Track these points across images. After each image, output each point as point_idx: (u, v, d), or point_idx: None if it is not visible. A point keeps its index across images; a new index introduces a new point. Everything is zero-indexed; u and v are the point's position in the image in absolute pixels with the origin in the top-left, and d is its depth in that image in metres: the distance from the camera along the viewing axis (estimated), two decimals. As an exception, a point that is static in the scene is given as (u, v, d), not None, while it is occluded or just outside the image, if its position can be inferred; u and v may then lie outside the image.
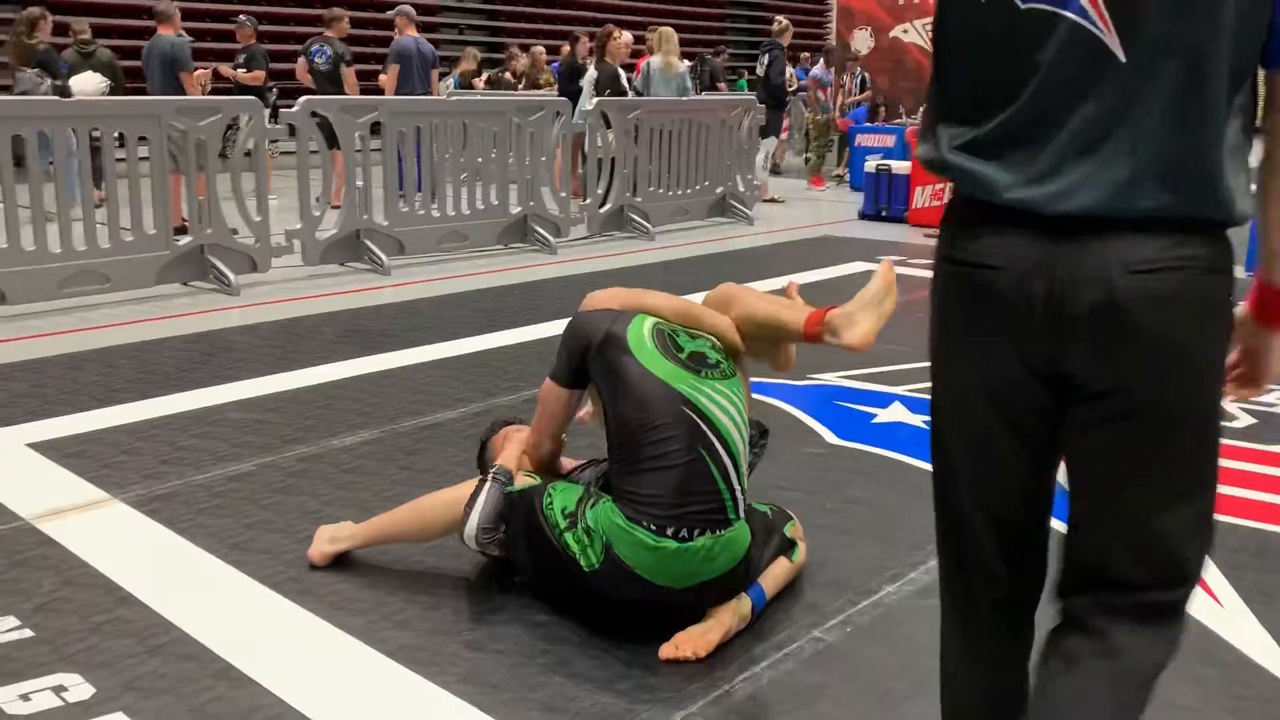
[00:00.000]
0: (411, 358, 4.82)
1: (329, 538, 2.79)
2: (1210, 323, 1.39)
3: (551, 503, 2.46)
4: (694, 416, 2.39)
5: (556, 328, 2.80)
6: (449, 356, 4.88)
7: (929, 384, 1.63)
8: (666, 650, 2.37)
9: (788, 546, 2.67)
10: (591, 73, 9.77)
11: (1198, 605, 2.68)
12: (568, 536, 2.40)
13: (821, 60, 13.03)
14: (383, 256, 6.92)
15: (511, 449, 2.71)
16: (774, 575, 2.61)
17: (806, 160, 12.91)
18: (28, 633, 2.44)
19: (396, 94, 9.10)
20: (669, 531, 2.31)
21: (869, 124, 12.77)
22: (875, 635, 2.51)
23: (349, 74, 9.36)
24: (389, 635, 2.46)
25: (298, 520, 3.05)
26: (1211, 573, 2.85)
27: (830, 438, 3.85)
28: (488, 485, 2.55)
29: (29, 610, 2.54)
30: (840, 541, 2.97)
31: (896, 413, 4.10)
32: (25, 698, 2.19)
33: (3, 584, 2.66)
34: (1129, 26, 1.30)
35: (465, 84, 12.32)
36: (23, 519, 3.05)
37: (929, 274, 1.59)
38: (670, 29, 10.00)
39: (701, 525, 2.33)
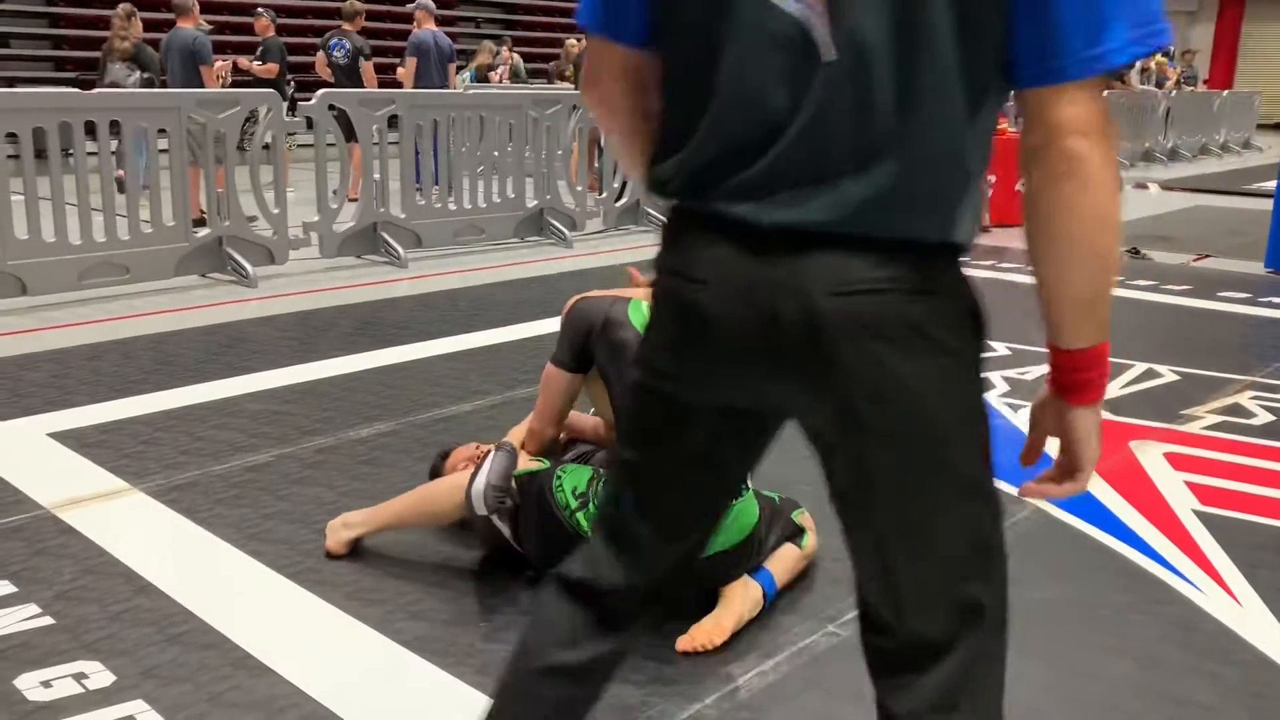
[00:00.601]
0: (427, 350, 4.83)
1: (342, 523, 2.81)
2: (925, 350, 1.21)
3: (561, 484, 2.49)
4: None
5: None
6: (465, 349, 4.89)
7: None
8: (683, 643, 2.37)
9: (796, 533, 2.67)
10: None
11: (1216, 603, 2.67)
12: (579, 516, 2.43)
13: None
14: (399, 249, 6.94)
15: (515, 432, 2.76)
16: (782, 561, 2.61)
17: None
18: (49, 620, 2.46)
19: (414, 87, 9.12)
20: None
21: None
22: (891, 630, 2.51)
23: (367, 68, 9.38)
24: (405, 625, 2.47)
25: (315, 511, 3.07)
26: (1229, 571, 2.84)
27: (846, 433, 3.84)
28: (493, 453, 2.59)
29: (50, 598, 2.56)
30: (856, 536, 2.96)
31: (913, 408, 4.09)
32: (46, 684, 2.21)
33: (24, 572, 2.69)
34: (840, 17, 1.15)
35: (481, 77, 12.33)
36: (43, 508, 3.07)
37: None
38: None
39: None
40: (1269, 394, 4.39)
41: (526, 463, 2.62)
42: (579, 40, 12.85)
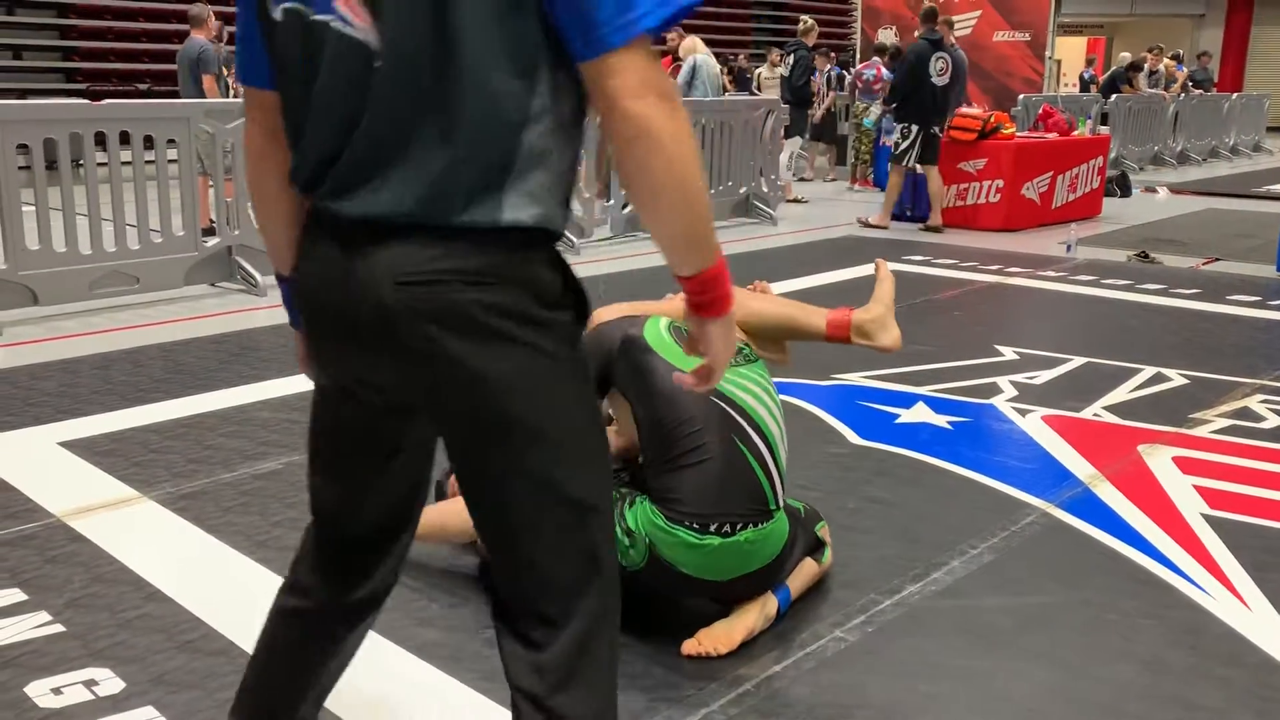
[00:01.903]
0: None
1: None
2: (488, 335, 1.32)
3: None
4: (724, 405, 2.38)
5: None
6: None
7: (951, 384, 1.62)
8: (689, 646, 2.38)
9: (817, 547, 2.67)
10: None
11: (1224, 607, 2.66)
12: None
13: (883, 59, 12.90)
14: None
15: None
16: (801, 577, 2.60)
17: (859, 158, 12.68)
18: (59, 628, 2.48)
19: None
20: (711, 528, 2.31)
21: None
22: (898, 635, 2.51)
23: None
24: (413, 632, 2.48)
25: (323, 518, 3.07)
26: (1238, 575, 2.83)
27: (853, 438, 3.84)
28: None
29: (60, 606, 2.58)
30: (863, 541, 2.97)
31: (920, 413, 4.09)
32: (57, 691, 2.23)
33: (35, 580, 2.71)
34: (381, 22, 1.28)
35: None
36: (54, 516, 3.09)
37: (955, 274, 1.57)
38: (697, 38, 10.20)
39: (744, 519, 2.33)
40: (1279, 397, 4.37)
41: None
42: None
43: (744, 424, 2.38)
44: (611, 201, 8.53)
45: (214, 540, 2.96)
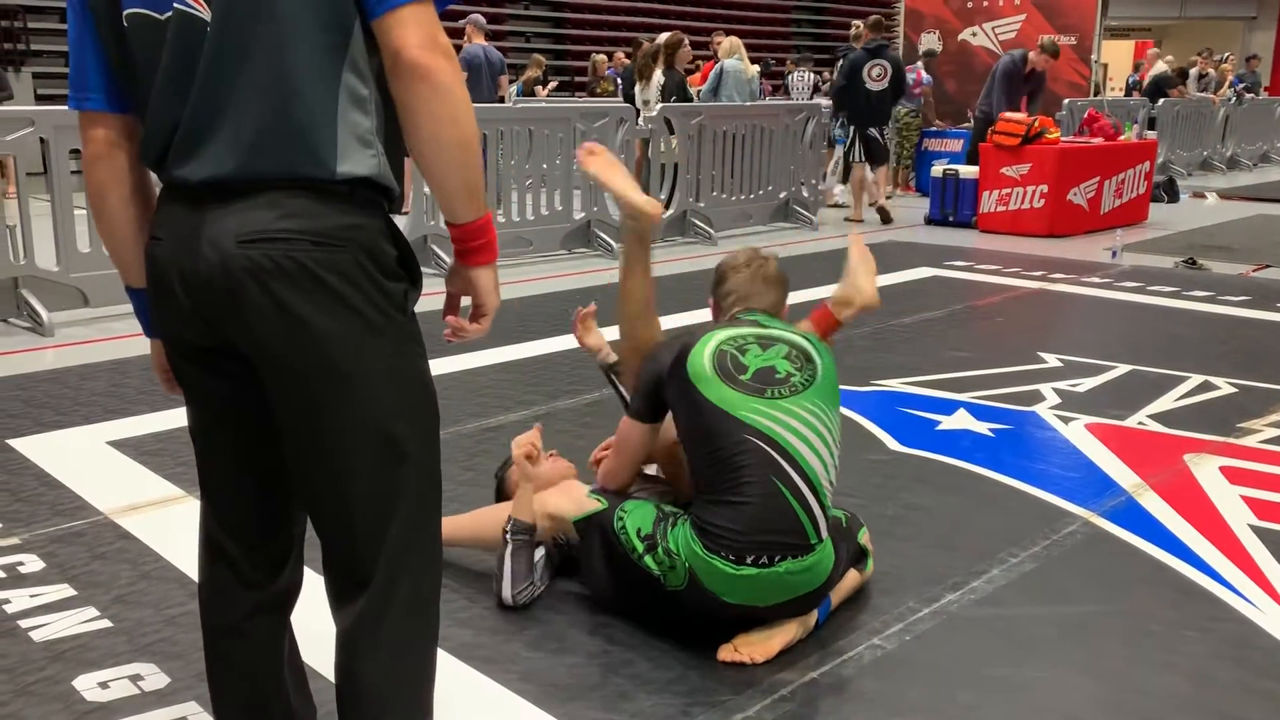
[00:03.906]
0: (475, 360, 4.88)
1: None
2: (325, 293, 1.43)
3: (624, 525, 2.45)
4: (763, 445, 2.33)
5: (618, 333, 2.83)
6: (512, 360, 4.93)
7: (993, 391, 1.62)
8: (725, 652, 2.37)
9: (860, 557, 2.65)
10: (658, 77, 9.82)
11: (1272, 620, 2.61)
12: (648, 559, 2.39)
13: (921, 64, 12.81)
14: (449, 261, 7.01)
15: (531, 498, 2.65)
16: (843, 586, 2.58)
17: (901, 163, 12.56)
18: (106, 623, 2.53)
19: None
20: (748, 559, 2.29)
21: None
22: (936, 644, 2.49)
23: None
24: (451, 633, 2.50)
25: (364, 519, 3.11)
26: (1287, 587, 2.78)
27: (893, 444, 3.82)
28: (509, 549, 2.57)
29: (108, 601, 2.63)
30: (902, 549, 2.95)
31: (961, 420, 4.05)
32: (104, 686, 2.27)
33: (83, 576, 2.76)
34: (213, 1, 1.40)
35: (528, 91, 12.43)
36: (102, 514, 3.15)
37: (997, 280, 1.57)
38: (738, 39, 10.19)
39: (782, 552, 2.31)
40: (1330, 407, 4.28)
41: (582, 503, 2.57)
42: (608, 56, 12.90)
43: (784, 465, 2.33)
44: (651, 206, 8.54)
45: (257, 539, 2.99)
